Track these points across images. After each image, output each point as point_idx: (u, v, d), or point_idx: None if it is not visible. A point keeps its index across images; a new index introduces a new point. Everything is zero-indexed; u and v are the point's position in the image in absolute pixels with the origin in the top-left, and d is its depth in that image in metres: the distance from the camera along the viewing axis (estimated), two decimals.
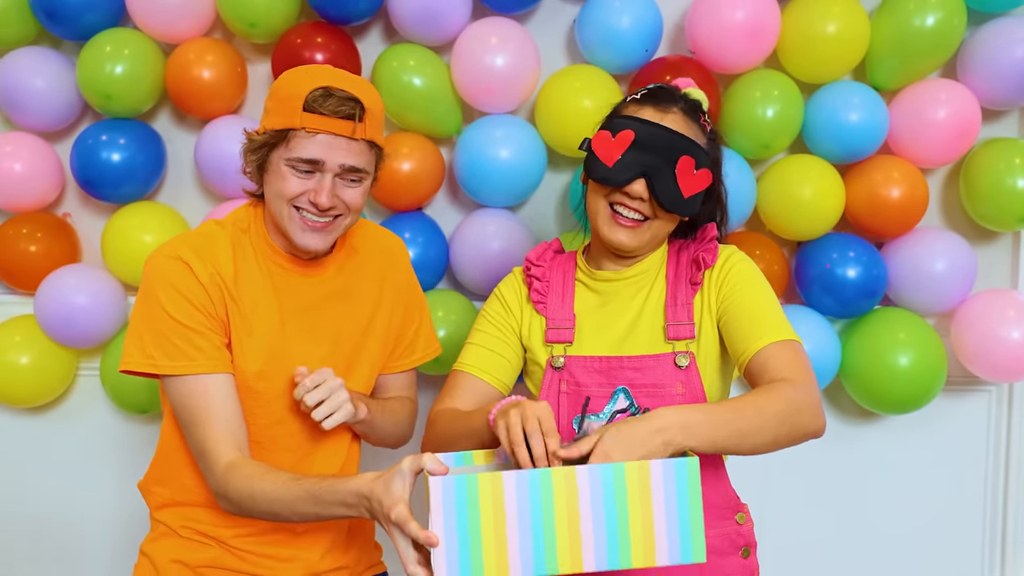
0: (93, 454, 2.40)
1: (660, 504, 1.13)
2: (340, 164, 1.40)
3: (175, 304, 1.40)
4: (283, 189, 1.41)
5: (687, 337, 1.46)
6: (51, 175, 2.27)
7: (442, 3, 2.10)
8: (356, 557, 1.61)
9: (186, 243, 1.45)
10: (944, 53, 2.11)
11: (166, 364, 1.40)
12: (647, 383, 1.46)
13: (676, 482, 1.13)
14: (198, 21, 2.19)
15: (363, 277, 1.57)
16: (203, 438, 1.40)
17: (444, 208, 2.32)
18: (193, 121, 2.31)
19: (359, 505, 1.20)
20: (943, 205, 2.29)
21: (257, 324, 1.46)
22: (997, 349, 2.11)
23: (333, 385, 1.42)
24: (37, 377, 2.27)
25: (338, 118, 1.38)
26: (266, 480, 1.34)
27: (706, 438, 1.25)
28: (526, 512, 1.11)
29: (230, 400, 1.42)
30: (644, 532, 1.13)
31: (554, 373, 1.51)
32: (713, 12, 2.07)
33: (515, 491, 1.11)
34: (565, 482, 1.11)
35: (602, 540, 1.12)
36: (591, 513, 1.12)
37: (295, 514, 1.31)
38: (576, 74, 2.15)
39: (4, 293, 2.39)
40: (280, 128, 1.39)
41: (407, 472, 1.15)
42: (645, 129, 1.43)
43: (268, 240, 1.49)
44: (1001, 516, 2.33)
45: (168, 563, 1.51)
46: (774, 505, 2.21)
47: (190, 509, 1.52)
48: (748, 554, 1.51)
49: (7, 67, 2.22)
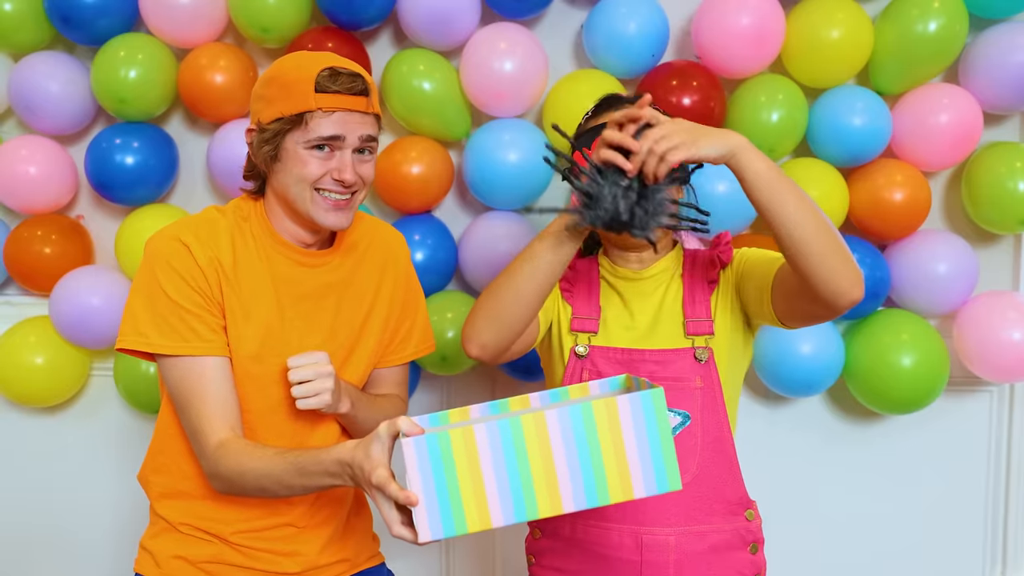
0: (106, 453, 2.43)
1: (631, 438, 1.13)
2: (359, 136, 1.43)
3: (173, 285, 1.41)
4: (304, 173, 1.42)
5: (706, 333, 1.51)
6: (65, 178, 2.30)
7: (451, 8, 2.12)
8: (355, 549, 1.62)
9: (187, 226, 1.46)
10: (946, 58, 2.13)
11: (161, 343, 1.41)
12: (667, 376, 1.50)
13: (644, 414, 1.13)
14: (210, 26, 2.22)
15: (363, 270, 1.58)
16: (197, 418, 1.41)
17: (453, 210, 2.34)
18: (205, 125, 2.34)
19: (342, 473, 1.22)
20: (945, 208, 2.30)
21: (254, 309, 1.46)
22: (998, 350, 2.12)
23: (322, 371, 1.43)
24: (51, 377, 2.30)
25: (351, 94, 1.41)
26: (254, 456, 1.36)
27: (769, 170, 1.29)
28: (500, 461, 1.11)
29: (225, 383, 1.43)
30: (619, 467, 1.13)
31: (577, 361, 1.55)
32: (719, 18, 2.09)
33: (487, 441, 1.11)
34: (536, 427, 1.11)
35: (578, 480, 1.12)
36: (564, 455, 1.12)
37: (283, 487, 1.33)
38: (583, 78, 2.17)
39: (19, 294, 2.42)
40: (293, 113, 1.40)
41: (384, 436, 1.16)
42: None
43: (271, 229, 1.50)
44: (1003, 513, 2.34)
45: (169, 559, 1.52)
46: (779, 503, 2.23)
47: (190, 502, 1.52)
48: (756, 550, 1.55)
49: (23, 71, 2.25)
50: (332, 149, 1.43)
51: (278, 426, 1.51)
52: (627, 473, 1.13)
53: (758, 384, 2.31)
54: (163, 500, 1.55)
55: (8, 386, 2.30)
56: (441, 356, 2.15)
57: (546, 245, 1.42)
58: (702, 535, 1.50)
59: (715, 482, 1.51)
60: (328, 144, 1.42)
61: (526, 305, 1.44)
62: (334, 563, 1.58)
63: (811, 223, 1.30)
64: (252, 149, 1.48)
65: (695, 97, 2.09)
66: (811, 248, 1.30)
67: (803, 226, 1.30)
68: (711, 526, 1.50)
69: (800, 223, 1.29)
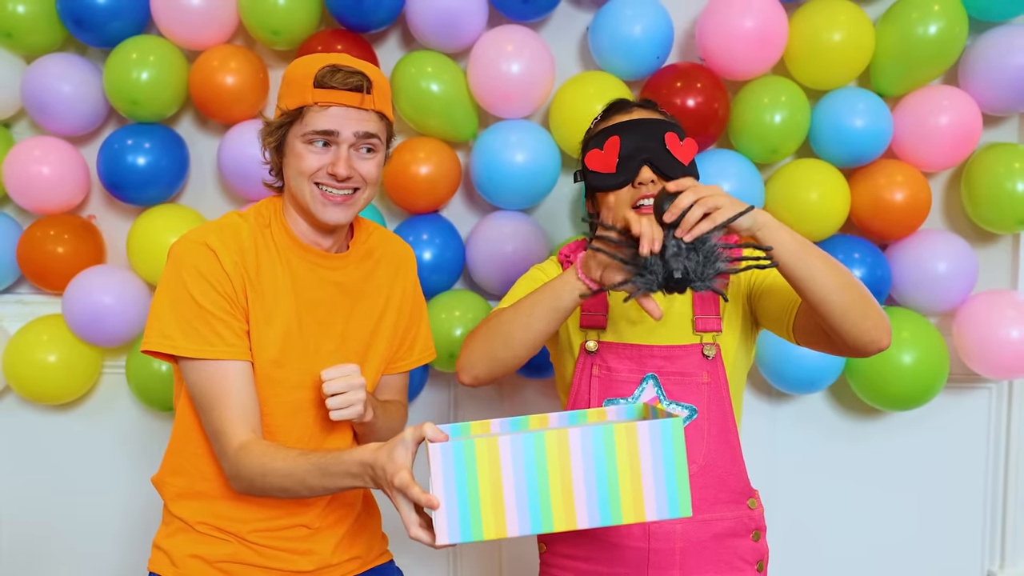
0: (118, 451, 2.44)
1: (648, 462, 1.17)
2: (354, 132, 1.45)
3: (200, 289, 1.43)
4: (301, 166, 1.46)
5: (714, 330, 1.55)
6: (77, 178, 2.32)
7: (459, 11, 2.14)
8: (366, 547, 1.65)
9: (212, 231, 1.48)
10: (946, 61, 2.15)
11: (186, 346, 1.43)
12: (675, 371, 1.54)
13: (662, 441, 1.17)
14: (221, 29, 2.24)
15: (376, 278, 1.61)
16: (219, 420, 1.43)
17: (460, 210, 2.37)
18: (216, 126, 2.36)
19: (363, 474, 1.24)
20: (945, 208, 2.33)
21: (276, 314, 1.49)
22: (997, 347, 2.15)
23: (354, 383, 1.47)
24: (64, 375, 2.32)
25: (347, 90, 1.44)
26: (277, 457, 1.37)
27: (792, 240, 1.34)
28: (521, 473, 1.15)
29: (247, 386, 1.45)
30: (633, 490, 1.16)
31: (587, 357, 1.58)
32: (723, 20, 2.11)
33: (510, 453, 1.14)
34: (558, 444, 1.15)
35: (594, 498, 1.16)
36: (583, 473, 1.16)
37: (305, 488, 1.35)
38: (589, 80, 2.19)
39: (32, 293, 2.43)
40: (294, 107, 1.44)
41: (409, 441, 1.18)
42: (625, 128, 1.53)
43: (289, 232, 1.53)
44: (1001, 507, 2.37)
45: (186, 558, 1.53)
46: (782, 498, 2.25)
47: (208, 502, 1.54)
48: (759, 537, 1.59)
49: (35, 73, 2.26)
50: (329, 144, 1.46)
51: (297, 429, 1.53)
52: (640, 496, 1.17)
53: (761, 381, 2.34)
54: (180, 500, 1.56)
55: (21, 384, 2.32)
56: (449, 354, 2.17)
57: (548, 300, 1.44)
58: (707, 523, 1.54)
59: (720, 473, 1.54)
60: (325, 138, 1.45)
61: (522, 351, 1.47)
62: (346, 561, 1.61)
63: (834, 283, 1.35)
64: (261, 141, 1.53)
65: (699, 98, 2.12)
66: (834, 308, 1.36)
67: (827, 287, 1.35)
68: (716, 515, 1.54)
69: (824, 284, 1.35)
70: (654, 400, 1.55)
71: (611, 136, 1.53)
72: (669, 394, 1.54)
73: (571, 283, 1.41)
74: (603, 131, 1.56)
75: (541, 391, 2.38)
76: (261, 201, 1.59)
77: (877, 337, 1.40)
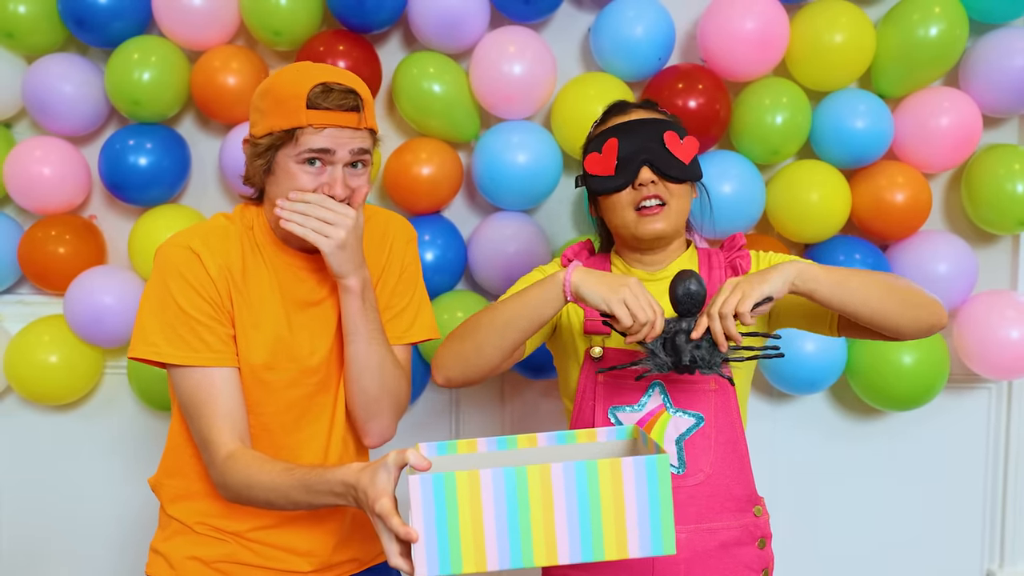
0: (119, 451, 2.44)
1: (632, 499, 1.14)
2: (350, 151, 1.42)
3: (184, 294, 1.42)
4: (295, 186, 1.41)
5: None
6: (79, 179, 2.31)
7: (461, 12, 2.14)
8: (364, 548, 1.64)
9: (197, 234, 1.46)
10: (947, 62, 2.16)
11: (170, 353, 1.41)
12: (682, 378, 1.53)
13: (647, 478, 1.14)
14: (223, 29, 2.24)
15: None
16: (207, 428, 1.41)
17: (462, 211, 2.37)
18: (217, 126, 2.36)
19: (347, 494, 1.23)
20: (945, 209, 2.34)
21: (263, 317, 1.47)
22: (997, 348, 2.16)
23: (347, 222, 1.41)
24: (65, 375, 2.32)
25: (343, 111, 1.41)
26: (263, 470, 1.36)
27: (828, 276, 1.38)
28: (502, 507, 1.13)
29: (234, 393, 1.43)
30: (616, 525, 1.14)
31: (593, 363, 1.57)
32: (724, 22, 2.12)
33: (491, 487, 1.13)
34: (540, 478, 1.13)
35: (576, 533, 1.14)
36: (565, 507, 1.13)
37: (289, 502, 1.34)
38: (591, 81, 2.19)
39: (33, 293, 2.43)
40: (286, 128, 1.40)
41: (392, 466, 1.17)
42: (622, 130, 1.53)
43: (273, 237, 1.51)
44: (1000, 507, 2.38)
45: (184, 560, 1.53)
46: (782, 498, 2.25)
47: (206, 503, 1.52)
48: (764, 545, 1.57)
49: (37, 73, 2.26)
50: (323, 163, 1.42)
51: (291, 424, 1.52)
52: (624, 533, 1.15)
53: (762, 382, 2.34)
54: (177, 502, 1.56)
55: (23, 384, 2.32)
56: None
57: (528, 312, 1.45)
58: (713, 532, 1.52)
59: (727, 481, 1.53)
60: (319, 158, 1.41)
61: (496, 357, 1.48)
62: (344, 561, 1.60)
63: (878, 298, 1.40)
64: (247, 160, 1.48)
65: (700, 100, 2.12)
66: (884, 319, 1.42)
67: (870, 305, 1.40)
68: (721, 523, 1.53)
69: (866, 304, 1.40)
70: (660, 408, 1.53)
71: (609, 138, 1.53)
72: (676, 401, 1.53)
73: (555, 297, 1.42)
74: (601, 134, 1.56)
75: (543, 392, 2.39)
76: (239, 206, 1.56)
77: (933, 323, 1.47)
